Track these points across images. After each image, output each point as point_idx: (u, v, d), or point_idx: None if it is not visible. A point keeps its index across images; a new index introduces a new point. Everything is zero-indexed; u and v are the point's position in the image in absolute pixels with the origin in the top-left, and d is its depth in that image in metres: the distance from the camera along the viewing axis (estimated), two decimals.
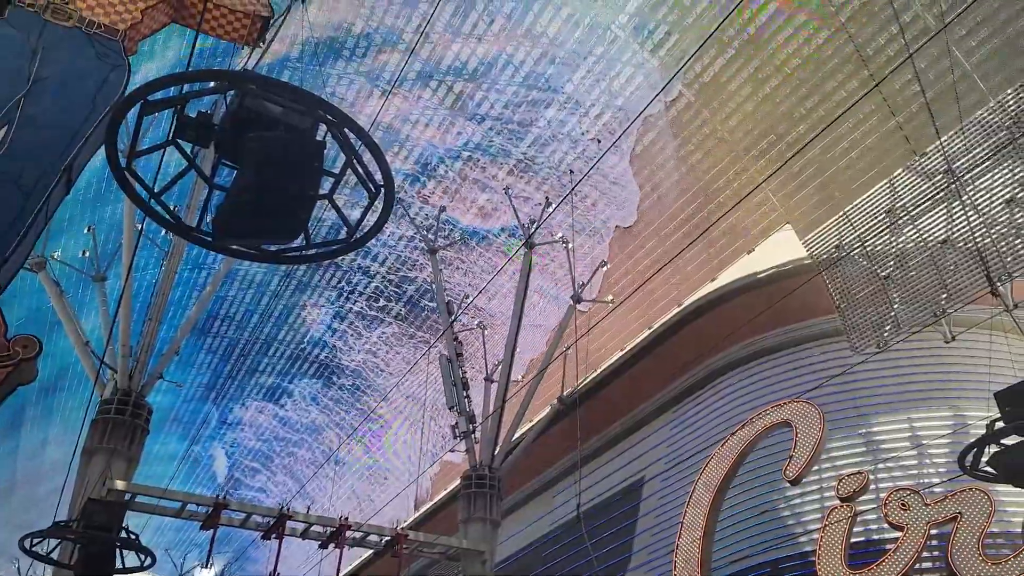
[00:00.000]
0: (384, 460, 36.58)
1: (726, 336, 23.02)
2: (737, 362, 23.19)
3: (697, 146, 22.87)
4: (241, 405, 36.94)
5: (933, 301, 17.85)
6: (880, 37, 18.39)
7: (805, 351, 22.28)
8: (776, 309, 20.80)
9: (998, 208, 16.74)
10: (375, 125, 23.13)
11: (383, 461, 36.66)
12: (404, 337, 31.49)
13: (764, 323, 21.74)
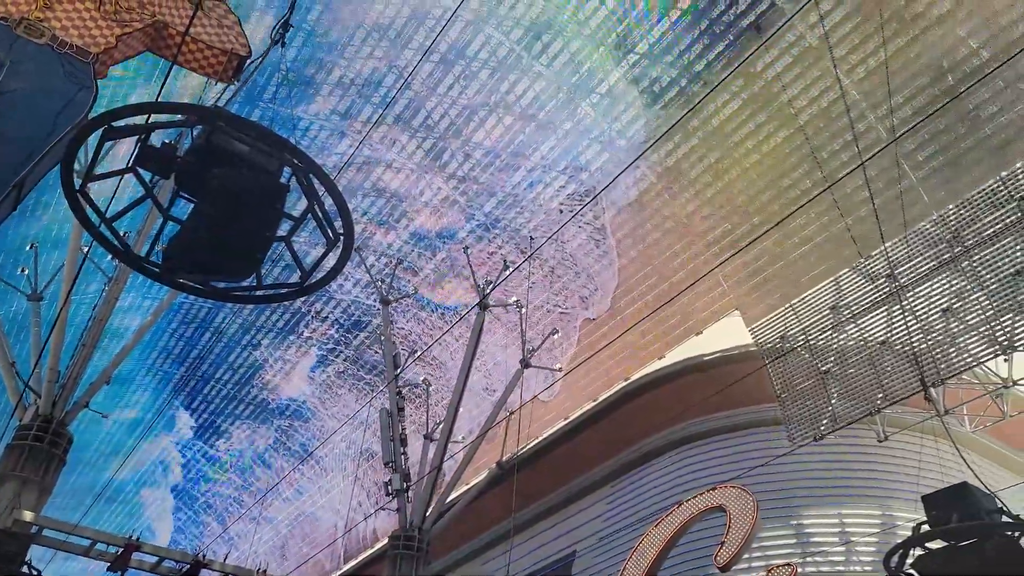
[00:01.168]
0: (315, 509, 35.47)
1: (668, 415, 23.21)
2: (677, 442, 23.31)
3: (656, 226, 23.39)
4: (171, 441, 35.66)
5: (869, 399, 18.31)
6: (835, 142, 19.25)
7: (743, 437, 22.52)
8: (719, 393, 21.12)
9: (935, 316, 17.40)
10: (342, 171, 23.24)
11: (314, 509, 35.55)
12: (349, 384, 30.99)
13: (706, 406, 21.97)
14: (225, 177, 7.76)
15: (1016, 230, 16.22)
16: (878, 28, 17.48)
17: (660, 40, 20.66)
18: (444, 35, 21.14)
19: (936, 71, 17.49)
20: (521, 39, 21.87)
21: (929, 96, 17.66)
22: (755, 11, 19.07)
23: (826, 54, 17.73)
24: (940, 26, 17.18)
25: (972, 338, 16.78)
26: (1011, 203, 16.36)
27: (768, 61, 19.44)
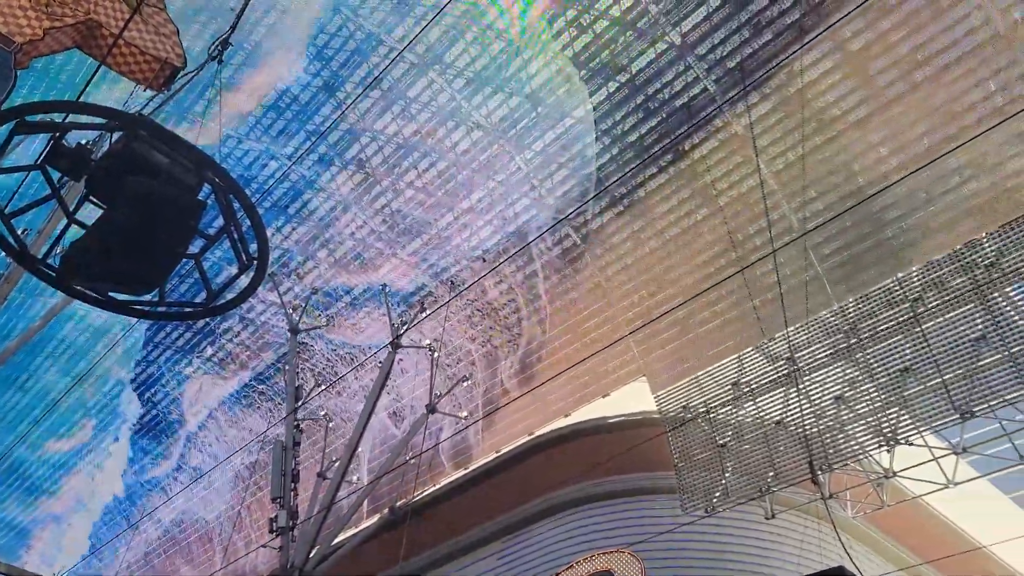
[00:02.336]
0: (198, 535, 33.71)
1: (567, 474, 23.23)
2: (573, 502, 23.31)
3: (575, 286, 23.77)
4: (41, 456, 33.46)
5: (761, 477, 18.84)
6: (751, 227, 20.13)
7: (639, 503, 22.73)
8: (618, 456, 21.33)
9: (828, 403, 18.16)
10: (265, 194, 22.80)
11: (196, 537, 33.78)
12: (250, 409, 29.91)
13: (605, 468, 22.14)
14: (140, 186, 7.49)
15: (907, 330, 17.19)
16: (799, 125, 18.54)
17: (597, 108, 21.32)
18: (387, 72, 21.24)
19: (848, 172, 18.61)
20: (463, 89, 22.19)
21: (840, 194, 18.75)
22: (687, 93, 19.95)
23: (749, 143, 18.66)
24: (855, 130, 18.36)
25: (860, 427, 17.55)
26: (905, 303, 17.38)
27: (696, 142, 20.29)
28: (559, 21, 20.54)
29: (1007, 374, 15.62)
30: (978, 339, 16.17)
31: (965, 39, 16.75)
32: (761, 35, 18.63)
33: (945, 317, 16.81)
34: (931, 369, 16.58)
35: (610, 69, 20.50)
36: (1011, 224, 16.27)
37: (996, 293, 16.27)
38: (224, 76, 14.59)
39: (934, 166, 16.81)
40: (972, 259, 16.64)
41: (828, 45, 18.10)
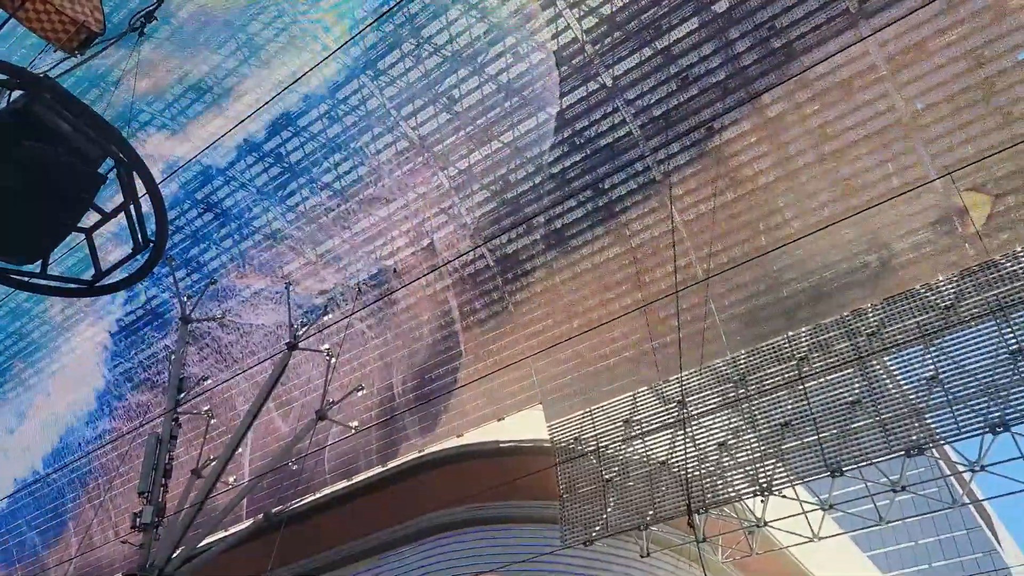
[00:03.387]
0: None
1: (452, 495, 23.10)
2: (454, 524, 23.19)
3: (483, 307, 23.80)
4: None
5: (641, 514, 19.22)
6: (658, 270, 20.71)
7: (519, 529, 22.81)
8: (503, 480, 21.37)
9: (711, 448, 18.76)
10: (172, 176, 21.89)
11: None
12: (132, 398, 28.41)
13: (491, 493, 22.14)
14: (36, 152, 7.04)
15: (791, 386, 17.99)
16: (713, 179, 19.28)
17: (524, 136, 21.57)
18: (317, 71, 20.88)
19: (753, 230, 19.44)
20: (394, 98, 22.04)
21: (744, 250, 19.55)
22: (613, 134, 20.46)
23: (666, 190, 19.26)
24: (764, 192, 19.23)
25: (738, 475, 18.18)
26: (792, 361, 18.20)
27: (615, 181, 20.79)
28: (499, 46, 20.75)
29: (876, 438, 16.54)
30: (853, 402, 17.07)
31: (871, 121, 17.85)
32: (687, 89, 19.34)
33: (827, 378, 17.69)
34: (809, 426, 17.38)
35: (541, 100, 20.81)
36: (894, 298, 17.33)
37: (875, 361, 17.25)
38: (144, 49, 13.98)
39: (831, 236, 17.77)
40: (857, 327, 17.62)
41: (748, 108, 18.94)
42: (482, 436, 24.39)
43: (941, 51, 17.04)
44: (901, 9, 16.96)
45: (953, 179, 16.29)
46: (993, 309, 16.05)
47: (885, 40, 17.46)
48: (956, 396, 15.90)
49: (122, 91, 16.02)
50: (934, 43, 17.09)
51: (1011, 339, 15.61)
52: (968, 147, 17.03)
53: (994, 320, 16.02)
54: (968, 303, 16.45)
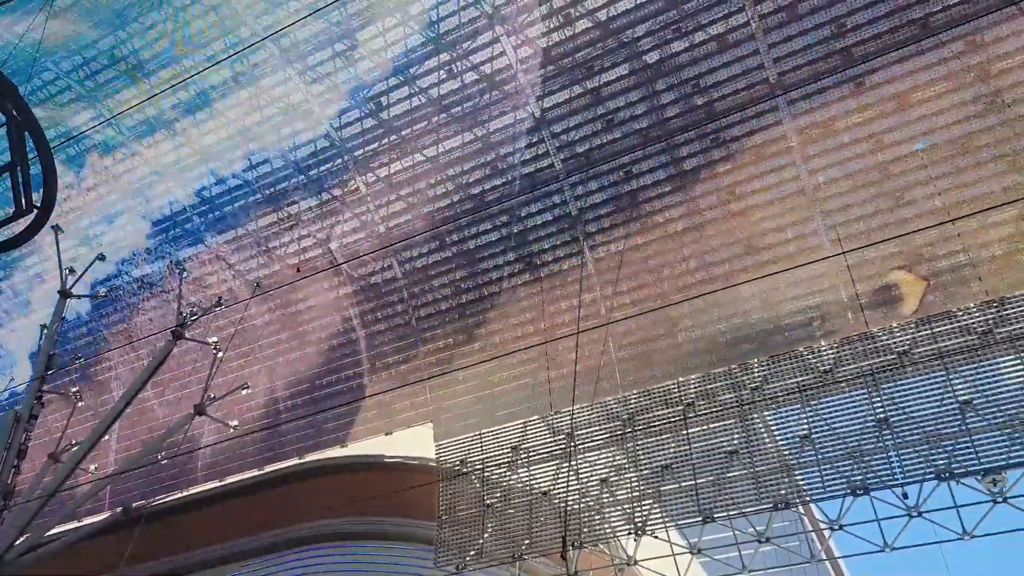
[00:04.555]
0: None
1: (327, 506, 22.50)
2: (328, 536, 22.53)
3: (384, 317, 23.48)
4: None
5: (517, 543, 19.25)
6: (563, 303, 21.00)
7: (392, 546, 22.39)
8: (383, 496, 21.01)
9: (593, 484, 19.03)
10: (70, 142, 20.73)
11: None
12: None
13: (368, 506, 21.72)
14: None
15: (675, 430, 18.50)
16: (625, 221, 19.79)
17: (447, 153, 21.57)
18: (244, 56, 20.31)
19: (657, 275, 20.02)
20: (322, 94, 21.63)
21: (647, 293, 20.08)
22: (534, 164, 20.73)
23: (580, 225, 19.61)
24: (671, 240, 19.86)
25: (616, 512, 18.49)
26: (679, 406, 18.74)
27: (532, 211, 21.04)
28: (434, 60, 20.75)
29: (748, 489, 17.18)
30: (731, 452, 17.71)
31: (776, 187, 18.78)
32: (611, 131, 19.84)
33: (710, 426, 18.29)
34: (687, 471, 17.90)
35: (468, 120, 20.90)
36: (779, 357, 18.15)
37: (755, 415, 17.98)
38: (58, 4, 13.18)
39: (729, 290, 18.50)
40: (742, 379, 18.34)
41: (666, 157, 19.59)
42: (368, 449, 23.92)
43: (847, 131, 18.15)
44: (815, 87, 17.99)
45: (845, 256, 17.27)
46: (866, 377, 17.03)
47: (797, 113, 18.45)
48: (824, 456, 16.73)
49: (26, 43, 15.04)
50: (842, 122, 18.18)
51: (879, 408, 16.58)
52: (861, 223, 18.14)
53: (865, 388, 16.99)
54: (844, 369, 17.40)
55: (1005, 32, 16.64)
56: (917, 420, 16.11)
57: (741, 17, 18.24)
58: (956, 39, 16.81)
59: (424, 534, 21.75)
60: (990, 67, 16.85)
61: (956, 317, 16.58)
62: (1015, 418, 15.15)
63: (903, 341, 16.96)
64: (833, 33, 17.84)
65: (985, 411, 15.52)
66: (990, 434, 15.30)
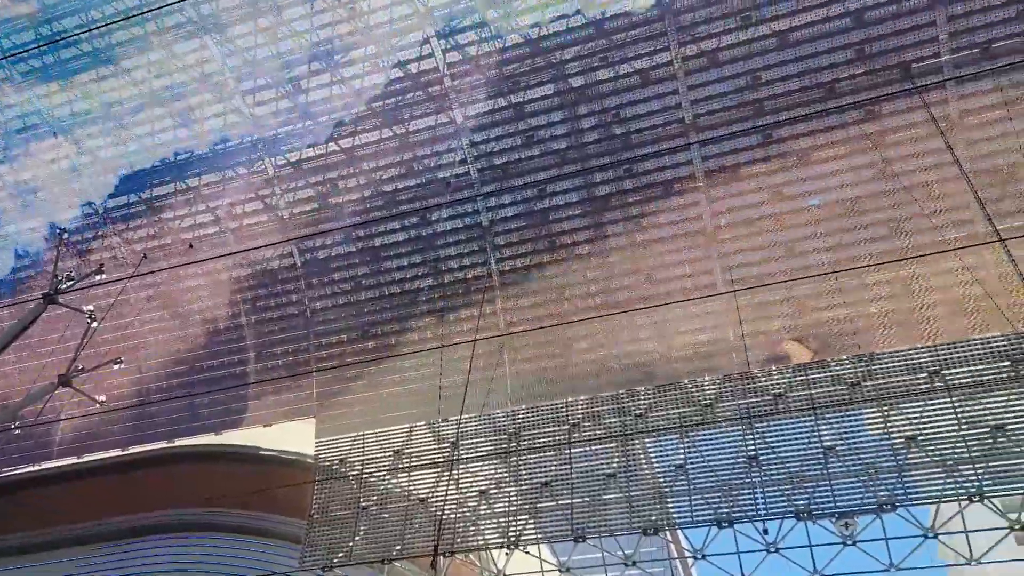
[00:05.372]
0: None
1: (198, 493, 21.63)
2: (193, 525, 21.67)
3: (277, 305, 22.75)
4: None
5: (388, 547, 19.01)
6: (464, 311, 20.99)
7: (260, 542, 21.74)
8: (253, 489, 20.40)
9: (472, 494, 19.08)
10: None
11: None
12: None
13: (236, 498, 21.03)
14: None
15: (559, 449, 18.80)
16: (534, 238, 20.08)
17: (363, 147, 21.19)
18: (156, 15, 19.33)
19: (559, 295, 20.33)
20: (236, 69, 20.83)
21: (548, 311, 20.34)
22: (451, 171, 20.67)
23: (489, 234, 19.67)
24: (577, 261, 20.24)
25: (491, 525, 18.59)
26: (564, 425, 19.06)
27: (443, 216, 20.97)
28: (359, 52, 20.36)
29: (622, 512, 17.64)
30: (610, 475, 18.16)
31: (680, 223, 19.48)
32: (530, 148, 20.05)
33: (592, 447, 18.70)
34: (566, 489, 18.21)
35: (389, 116, 20.62)
36: (664, 387, 18.77)
37: (636, 441, 18.52)
38: None
39: (624, 317, 19.04)
40: (628, 406, 18.85)
41: (580, 181, 19.96)
42: (244, 439, 23.11)
43: (751, 178, 19.03)
44: (726, 133, 18.79)
45: (736, 297, 18.10)
46: (742, 415, 17.86)
47: (707, 155, 19.21)
48: (696, 487, 17.42)
49: None
50: (747, 170, 19.06)
51: (751, 445, 17.42)
52: (754, 268, 19.05)
53: (740, 426, 17.82)
54: (724, 406, 18.19)
55: (901, 107, 17.92)
56: (784, 460, 17.03)
57: (666, 55, 18.84)
58: (857, 107, 17.96)
59: (291, 532, 21.23)
60: (884, 138, 18.10)
61: (829, 367, 17.65)
62: (871, 467, 16.25)
63: (780, 384, 17.90)
64: (749, 84, 18.68)
65: (846, 458, 16.58)
66: (848, 480, 16.34)
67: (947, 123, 17.33)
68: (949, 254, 16.80)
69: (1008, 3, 16.78)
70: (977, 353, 16.59)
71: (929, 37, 17.32)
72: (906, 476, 16.05)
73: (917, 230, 17.82)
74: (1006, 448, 15.52)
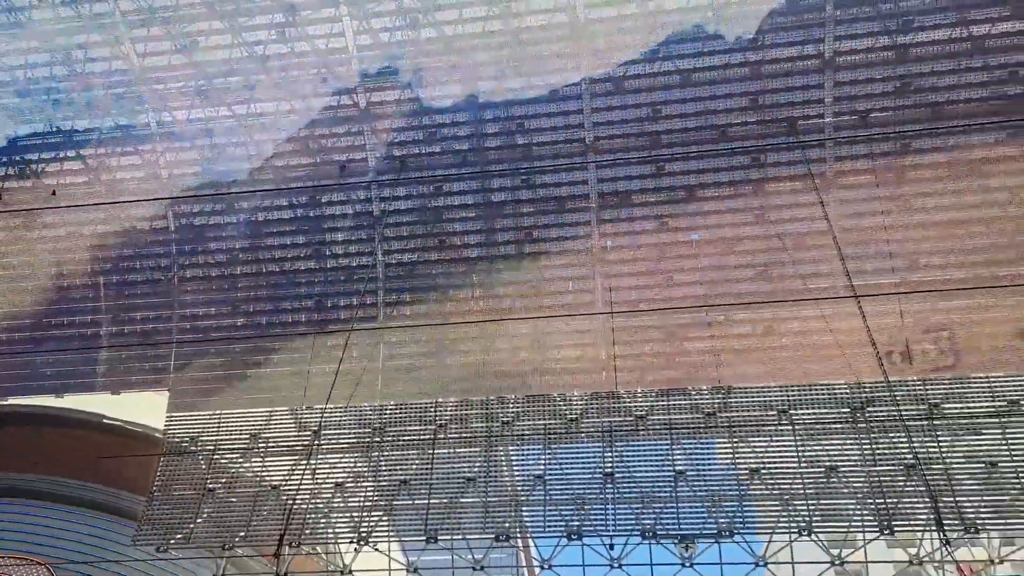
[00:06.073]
0: None
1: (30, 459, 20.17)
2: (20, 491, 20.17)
3: (142, 268, 21.47)
4: None
5: (231, 533, 18.25)
6: (343, 300, 20.55)
7: (93, 515, 20.57)
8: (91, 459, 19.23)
9: (328, 486, 18.65)
10: None
11: None
12: None
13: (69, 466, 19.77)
14: None
15: (422, 449, 18.67)
16: (424, 235, 19.92)
17: (259, 115, 20.40)
18: None
19: (443, 294, 20.29)
20: (128, 14, 19.54)
21: (428, 309, 20.24)
22: (348, 154, 20.24)
23: (380, 228, 19.33)
24: (463, 264, 20.26)
25: (343, 519, 18.23)
26: (431, 426, 18.97)
27: (333, 199, 20.47)
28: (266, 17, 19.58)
29: (477, 516, 17.74)
30: (470, 479, 18.23)
31: (568, 241, 19.90)
32: (432, 144, 19.93)
33: (455, 450, 18.74)
34: (424, 489, 18.11)
35: (288, 89, 19.93)
36: (534, 398, 19.05)
37: (500, 447, 18.70)
38: None
39: (506, 324, 19.23)
40: (496, 412, 19.01)
41: (477, 184, 20.02)
42: (87, 404, 21.62)
43: (641, 206, 19.70)
44: (623, 158, 19.39)
45: (612, 318, 18.68)
46: (604, 432, 18.39)
47: (603, 178, 19.72)
48: (552, 498, 17.76)
49: None
50: (638, 197, 19.71)
51: (608, 463, 17.95)
52: (632, 293, 19.70)
53: (601, 442, 18.33)
54: (588, 422, 18.67)
55: (783, 159, 19.05)
56: (637, 480, 17.66)
57: (575, 75, 19.20)
58: (745, 152, 18.96)
59: (128, 508, 20.14)
60: (765, 185, 19.19)
61: (690, 396, 18.48)
62: (715, 494, 17.12)
63: (643, 406, 18.56)
64: (649, 115, 19.32)
65: (694, 483, 17.38)
66: (693, 504, 17.14)
67: (823, 180, 18.57)
68: (810, 303, 18.02)
69: (887, 79, 18.21)
70: (822, 397, 17.82)
71: (816, 98, 18.51)
72: (746, 506, 17.02)
73: (784, 276, 18.97)
74: (836, 489, 16.74)
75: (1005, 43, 17.49)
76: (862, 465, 16.84)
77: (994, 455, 16.48)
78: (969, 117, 17.78)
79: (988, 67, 17.70)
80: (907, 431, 16.45)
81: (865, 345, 15.92)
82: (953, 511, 15.67)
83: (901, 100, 18.14)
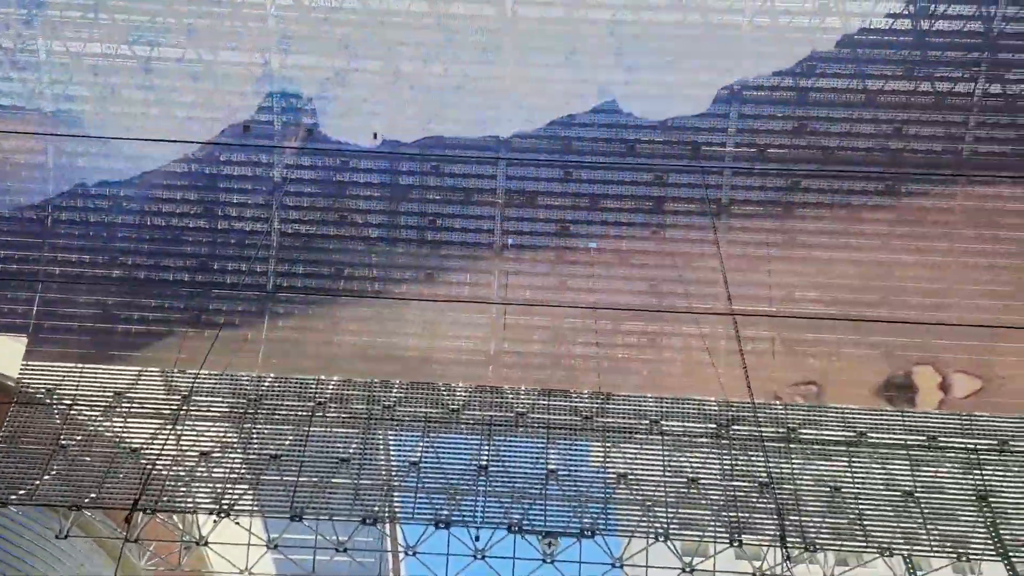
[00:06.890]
0: None
1: None
2: None
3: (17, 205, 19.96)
4: None
5: (80, 493, 17.22)
6: (231, 262, 19.79)
7: None
8: None
9: (193, 453, 17.93)
10: None
11: None
12: None
13: None
14: None
15: (299, 425, 18.25)
16: (325, 209, 19.49)
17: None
18: None
19: (335, 269, 19.89)
20: None
21: (320, 284, 19.80)
22: (252, 114, 19.53)
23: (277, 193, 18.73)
24: (361, 243, 19.95)
25: (205, 489, 17.55)
26: (310, 403, 18.55)
27: (232, 159, 19.70)
28: None
29: (347, 498, 17.45)
30: (344, 460, 17.96)
31: (474, 233, 19.96)
32: (349, 118, 19.50)
33: (332, 430, 18.44)
34: (295, 466, 17.66)
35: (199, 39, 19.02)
36: (419, 384, 18.96)
37: (379, 430, 18.56)
38: None
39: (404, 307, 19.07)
40: (379, 395, 18.82)
41: (386, 164, 19.75)
42: None
43: (544, 208, 20.00)
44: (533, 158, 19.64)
45: (505, 314, 18.88)
46: (483, 426, 18.55)
47: (511, 176, 19.88)
48: (425, 485, 17.76)
49: None
50: (543, 200, 20.01)
51: (484, 456, 18.12)
52: (528, 292, 19.96)
53: (479, 435, 18.48)
54: (469, 414, 18.79)
55: (683, 180, 19.77)
56: (511, 475, 17.92)
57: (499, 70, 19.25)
58: (648, 170, 19.59)
59: None
60: (664, 204, 19.85)
61: (570, 398, 18.93)
62: (583, 495, 17.62)
63: (524, 403, 18.86)
64: (563, 120, 19.62)
65: (564, 482, 17.82)
66: (560, 503, 17.56)
67: (717, 205, 19.42)
68: (691, 319, 18.83)
69: (786, 119, 19.26)
70: (692, 411, 18.65)
71: (721, 127, 19.33)
72: (610, 508, 17.59)
73: (671, 292, 19.71)
74: (694, 499, 17.56)
75: (894, 100, 18.83)
76: (721, 479, 17.74)
77: (839, 480, 17.73)
78: (856, 164, 19.06)
79: (877, 120, 19.01)
80: (765, 451, 17.47)
81: (738, 364, 16.69)
82: (797, 529, 16.77)
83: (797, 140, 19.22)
